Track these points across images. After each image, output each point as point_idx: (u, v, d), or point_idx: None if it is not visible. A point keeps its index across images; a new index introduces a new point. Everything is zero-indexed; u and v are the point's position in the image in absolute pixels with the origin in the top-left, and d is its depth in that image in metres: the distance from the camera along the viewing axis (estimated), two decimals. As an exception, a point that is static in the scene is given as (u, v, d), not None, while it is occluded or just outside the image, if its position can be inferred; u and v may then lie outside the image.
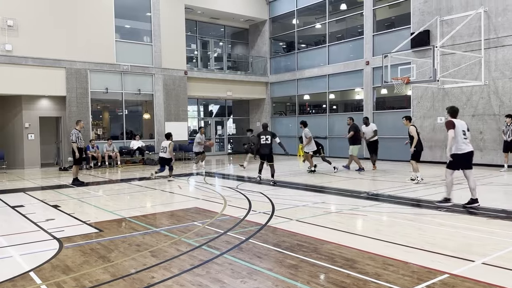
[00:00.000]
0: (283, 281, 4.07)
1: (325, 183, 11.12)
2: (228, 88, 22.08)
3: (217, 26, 23.69)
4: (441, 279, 4.04)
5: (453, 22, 14.67)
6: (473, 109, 14.54)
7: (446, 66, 14.76)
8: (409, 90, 16.42)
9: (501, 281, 3.93)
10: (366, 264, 4.53)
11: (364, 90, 18.46)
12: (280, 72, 22.96)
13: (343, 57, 19.49)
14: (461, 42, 14.60)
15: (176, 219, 7.04)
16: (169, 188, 11.07)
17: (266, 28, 23.35)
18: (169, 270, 4.44)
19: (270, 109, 23.58)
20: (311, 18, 22.18)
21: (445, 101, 15.29)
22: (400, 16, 17.85)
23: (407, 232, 5.98)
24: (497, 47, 13.80)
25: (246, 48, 24.89)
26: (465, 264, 4.49)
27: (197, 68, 21.91)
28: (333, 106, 22.19)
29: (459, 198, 7.92)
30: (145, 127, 20.43)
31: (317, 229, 6.19)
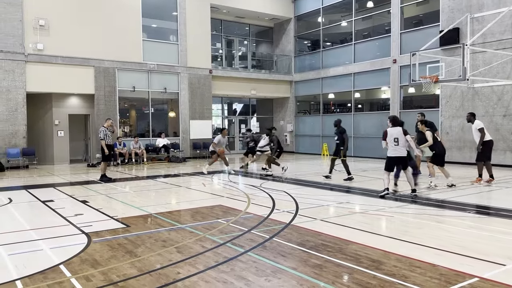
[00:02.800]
0: (307, 281, 4.06)
1: (349, 183, 10.99)
2: (252, 86, 22.10)
3: (242, 25, 23.75)
4: (470, 282, 3.94)
5: (484, 20, 14.24)
6: (504, 109, 14.08)
7: (476, 65, 14.35)
8: (438, 89, 16.05)
9: (534, 287, 3.80)
10: (392, 265, 4.46)
11: (390, 89, 18.15)
12: (304, 70, 22.82)
13: (370, 55, 19.21)
14: (492, 40, 14.16)
15: (200, 216, 7.11)
16: (194, 186, 11.17)
17: (291, 27, 23.25)
18: (194, 266, 4.49)
19: (294, 108, 23.48)
20: (337, 16, 21.95)
21: (475, 101, 14.88)
22: (429, 13, 17.45)
23: (434, 234, 5.85)
24: (531, 45, 13.32)
25: (270, 47, 24.85)
26: (496, 267, 4.36)
27: (221, 67, 22.03)
28: (358, 105, 21.91)
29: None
30: (170, 125, 20.69)
31: (342, 229, 6.13)
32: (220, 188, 10.90)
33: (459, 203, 8.11)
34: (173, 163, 17.63)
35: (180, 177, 12.76)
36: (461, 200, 8.34)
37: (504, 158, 14.03)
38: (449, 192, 9.25)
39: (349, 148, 13.46)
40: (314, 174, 12.02)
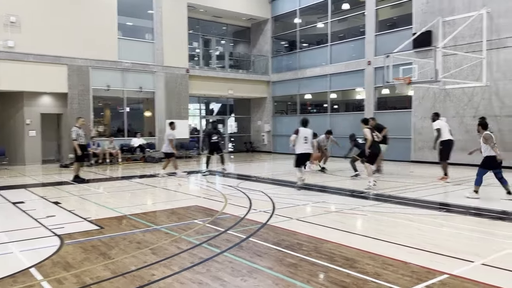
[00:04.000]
0: (283, 280, 4.09)
1: (325, 182, 11.12)
2: (229, 86, 22.07)
3: (219, 25, 23.68)
4: (440, 279, 4.05)
5: (455, 23, 14.65)
6: (474, 110, 14.52)
7: (447, 67, 14.74)
8: (411, 90, 16.40)
9: (499, 282, 3.94)
10: (366, 263, 4.54)
11: (365, 90, 18.45)
12: (281, 71, 22.95)
13: (345, 57, 19.47)
14: (463, 43, 14.58)
15: (176, 217, 7.06)
16: (170, 186, 11.08)
17: (268, 27, 23.33)
18: (170, 268, 4.46)
19: (271, 108, 23.57)
20: (313, 18, 22.16)
21: (447, 102, 15.29)
22: (402, 16, 17.81)
23: (407, 232, 5.99)
24: (499, 48, 13.78)
25: (248, 47, 24.88)
26: (464, 264, 4.50)
27: (198, 66, 21.91)
28: (335, 106, 22.18)
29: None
30: (146, 125, 20.45)
31: (317, 228, 6.20)
32: (196, 189, 10.85)
33: (431, 202, 8.33)
34: (149, 163, 17.42)
35: (156, 178, 12.63)
36: (433, 199, 8.57)
37: (475, 158, 14.43)
38: (422, 191, 9.48)
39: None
40: (291, 173, 12.06)
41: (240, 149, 24.91)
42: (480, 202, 8.11)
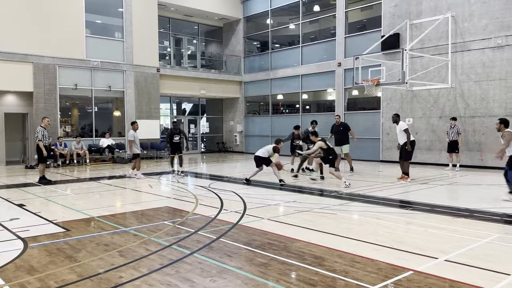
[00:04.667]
0: (252, 279, 4.10)
1: (297, 182, 11.22)
2: (201, 86, 21.95)
3: (190, 24, 23.52)
4: (405, 275, 4.16)
5: (422, 26, 15.08)
6: (440, 111, 14.99)
7: (414, 69, 15.16)
8: (379, 91, 16.78)
9: (461, 277, 4.08)
10: (334, 261, 4.61)
11: (336, 91, 18.73)
12: (254, 71, 23.01)
13: (316, 58, 19.71)
14: (429, 45, 15.03)
15: (146, 219, 6.96)
16: (140, 187, 10.91)
17: (240, 27, 23.35)
18: (138, 270, 4.39)
19: (244, 108, 23.59)
20: (285, 19, 22.32)
21: (414, 103, 15.71)
22: (372, 19, 18.20)
23: (375, 230, 6.12)
24: (463, 51, 14.28)
25: (220, 47, 24.81)
26: (429, 261, 4.64)
27: (170, 66, 21.68)
28: (306, 106, 22.40)
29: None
30: (115, 125, 20.07)
31: (288, 227, 6.25)
32: (167, 190, 10.73)
33: (398, 200, 8.54)
34: (118, 164, 17.11)
35: (126, 179, 12.41)
36: (399, 198, 8.79)
37: (440, 158, 14.94)
38: (390, 190, 9.71)
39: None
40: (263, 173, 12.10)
41: (212, 149, 24.82)
42: (445, 201, 8.37)
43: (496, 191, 9.73)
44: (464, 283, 3.92)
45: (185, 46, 23.82)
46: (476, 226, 6.24)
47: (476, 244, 5.27)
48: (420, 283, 3.96)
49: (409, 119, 15.67)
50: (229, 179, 12.09)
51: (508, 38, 13.26)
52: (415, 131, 15.16)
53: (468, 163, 14.11)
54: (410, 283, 3.96)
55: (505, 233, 5.80)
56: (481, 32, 13.85)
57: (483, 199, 8.56)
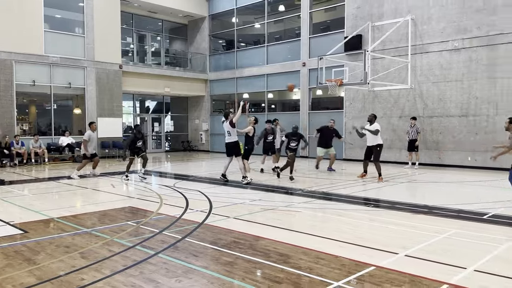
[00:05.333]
0: (218, 278, 4.09)
1: (263, 181, 11.27)
2: (166, 84, 21.63)
3: (154, 20, 23.11)
4: (368, 271, 4.28)
5: (384, 28, 15.52)
6: (400, 111, 15.48)
7: (376, 70, 15.58)
8: (342, 92, 17.12)
9: (420, 272, 4.24)
10: (299, 258, 4.67)
11: (300, 91, 18.96)
12: (219, 69, 22.91)
13: (281, 58, 19.87)
14: (390, 47, 15.48)
15: (108, 219, 6.79)
16: (102, 187, 10.64)
17: (205, 25, 23.17)
18: (100, 272, 4.28)
19: (209, 107, 23.45)
20: (251, 18, 22.35)
21: (375, 103, 16.15)
22: (335, 20, 18.53)
23: (338, 227, 6.25)
24: (422, 53, 14.81)
25: (185, 44, 24.53)
26: (390, 256, 4.79)
27: (133, 62, 21.23)
28: (272, 105, 22.54)
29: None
30: (76, 123, 19.45)
31: (253, 226, 6.28)
32: (130, 189, 10.52)
33: (360, 197, 8.76)
34: (78, 164, 16.56)
35: (87, 178, 12.06)
36: (362, 195, 9.02)
37: (400, 156, 15.43)
38: (352, 188, 9.93)
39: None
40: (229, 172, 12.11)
41: (177, 148, 24.52)
42: (405, 198, 8.66)
43: (454, 189, 10.17)
44: (423, 277, 4.08)
45: (149, 43, 23.38)
46: (435, 222, 6.49)
47: (435, 240, 5.48)
48: (382, 278, 4.08)
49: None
50: (195, 178, 11.99)
51: (464, 41, 13.87)
52: (377, 130, 15.58)
53: (426, 161, 14.65)
54: (372, 279, 4.07)
55: (461, 228, 6.06)
56: (439, 35, 14.42)
57: (441, 196, 8.91)
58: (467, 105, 13.94)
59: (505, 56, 13.09)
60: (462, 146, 14.08)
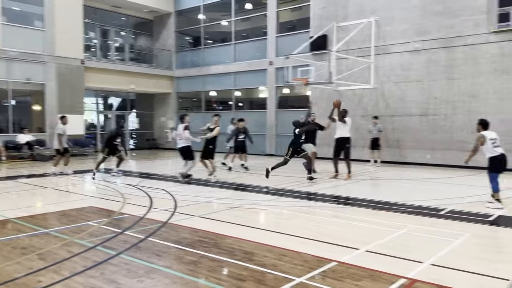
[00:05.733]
0: (181, 278, 4.06)
1: (229, 179, 11.26)
2: (130, 80, 21.17)
3: (119, 15, 22.57)
4: (329, 267, 4.36)
5: (348, 29, 15.81)
6: (363, 110, 15.84)
7: (340, 70, 15.84)
8: (308, 90, 17.34)
9: (380, 267, 4.37)
10: (263, 256, 4.71)
11: (267, 89, 19.05)
12: (186, 67, 22.65)
13: (248, 56, 19.88)
14: (354, 47, 15.79)
15: (68, 219, 6.59)
16: (62, 186, 10.31)
17: (171, 21, 22.85)
18: (59, 273, 4.16)
19: (176, 104, 23.16)
20: (218, 15, 22.23)
21: (340, 102, 16.42)
22: (302, 19, 18.71)
23: (303, 224, 6.34)
24: (385, 54, 15.21)
25: (150, 40, 24.09)
26: (351, 252, 4.90)
27: (96, 58, 20.64)
28: (239, 104, 22.53)
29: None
30: (35, 120, 18.73)
31: (219, 224, 6.26)
32: (92, 188, 10.25)
33: (325, 195, 8.91)
34: (38, 162, 15.99)
35: (46, 177, 11.65)
36: (326, 192, 9.17)
37: (363, 154, 15.77)
38: (318, 185, 10.09)
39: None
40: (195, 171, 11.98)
41: (142, 146, 24.07)
42: (367, 194, 8.88)
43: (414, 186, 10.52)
44: (382, 272, 4.20)
45: (113, 38, 22.80)
46: (395, 218, 6.69)
47: (394, 235, 5.66)
48: (343, 273, 4.17)
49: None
50: (160, 177, 11.82)
51: (424, 42, 14.35)
52: (341, 129, 15.89)
53: (388, 159, 15.07)
54: (334, 274, 4.16)
55: (420, 224, 6.28)
56: (401, 36, 14.84)
57: (401, 193, 9.19)
58: (426, 105, 14.44)
59: (462, 58, 13.65)
60: (422, 144, 14.58)
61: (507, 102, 12.92)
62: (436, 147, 14.23)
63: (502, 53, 12.94)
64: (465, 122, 13.63)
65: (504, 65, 12.92)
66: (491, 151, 7.27)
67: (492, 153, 7.27)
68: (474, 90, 13.47)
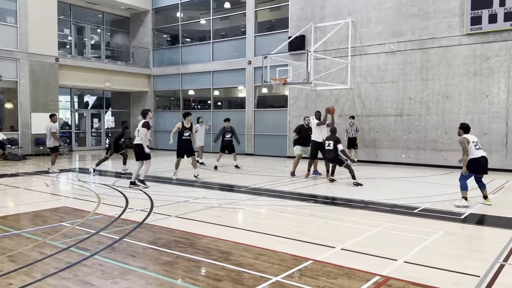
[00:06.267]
0: (157, 279, 4.02)
1: (207, 178, 11.20)
2: (106, 78, 20.80)
3: (94, 12, 22.13)
4: (306, 265, 4.40)
5: (326, 29, 15.96)
6: (340, 110, 16.00)
7: (318, 70, 16.00)
8: (286, 90, 17.42)
9: (355, 264, 4.43)
10: (240, 255, 4.70)
11: (246, 89, 19.04)
12: (163, 65, 22.42)
13: (227, 55, 19.83)
14: (331, 48, 15.96)
15: (41, 220, 6.43)
16: (35, 186, 10.05)
17: (148, 19, 22.56)
18: (30, 275, 4.05)
19: (153, 103, 22.88)
20: (196, 13, 22.09)
21: (317, 102, 16.58)
22: (280, 19, 18.79)
23: (280, 223, 6.37)
24: (362, 55, 15.42)
25: (127, 38, 23.72)
26: (327, 250, 4.95)
27: (71, 55, 20.22)
28: (218, 103, 22.46)
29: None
30: (7, 118, 18.21)
31: (196, 224, 6.23)
32: (66, 188, 10.04)
33: (302, 194, 8.97)
34: (10, 162, 15.55)
35: (19, 177, 11.35)
36: (303, 191, 9.23)
37: (340, 153, 15.95)
38: (295, 184, 10.15)
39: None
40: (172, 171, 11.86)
41: (118, 145, 23.65)
42: (343, 193, 8.99)
43: (389, 184, 10.70)
44: (357, 270, 4.26)
45: (88, 35, 22.37)
46: (370, 216, 6.80)
47: (369, 233, 5.74)
48: (319, 271, 4.21)
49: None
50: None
51: (400, 44, 14.61)
52: (319, 129, 16.03)
53: (364, 158, 15.29)
54: (310, 272, 4.19)
55: (394, 222, 6.40)
56: (377, 37, 15.08)
57: (376, 192, 9.33)
58: (401, 105, 14.71)
59: (436, 59, 13.97)
60: (397, 144, 14.85)
61: (478, 103, 13.30)
62: (411, 146, 14.52)
63: (474, 55, 13.31)
64: (438, 122, 13.97)
65: (477, 67, 13.29)
66: (473, 153, 7.44)
67: (474, 155, 7.44)
68: (448, 91, 13.81)
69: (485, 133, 13.09)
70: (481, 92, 13.25)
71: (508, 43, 12.76)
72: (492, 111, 13.09)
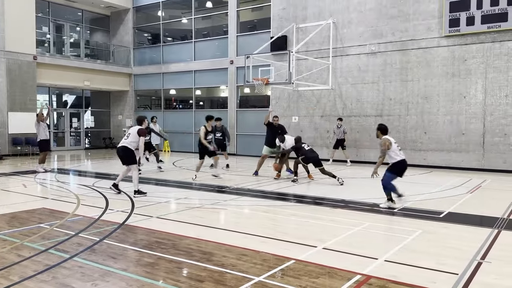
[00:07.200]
0: (137, 280, 3.97)
1: (188, 179, 11.13)
2: (86, 77, 20.48)
3: (74, 10, 21.74)
4: (288, 265, 4.41)
5: (307, 30, 16.06)
6: (321, 110, 16.14)
7: (300, 70, 16.09)
8: (269, 90, 17.46)
9: (336, 263, 4.47)
10: (223, 256, 4.69)
11: (228, 88, 19.00)
12: (144, 64, 22.18)
13: (209, 55, 19.75)
14: (313, 49, 16.06)
15: (18, 222, 6.28)
16: (13, 187, 9.81)
17: (129, 17, 22.30)
18: (8, 278, 3.96)
19: (133, 102, 22.62)
20: (177, 12, 21.93)
21: (299, 102, 16.68)
22: (262, 20, 18.82)
23: (263, 223, 6.38)
24: (342, 56, 15.57)
25: (107, 36, 23.39)
26: (309, 250, 4.98)
27: (49, 54, 19.82)
28: (200, 102, 22.34)
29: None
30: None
31: (177, 225, 6.18)
32: (45, 189, 9.83)
33: (284, 194, 9.00)
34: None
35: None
36: (285, 191, 9.27)
37: (321, 153, 16.06)
38: (277, 184, 10.18)
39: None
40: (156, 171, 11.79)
41: (98, 145, 23.35)
42: (325, 193, 9.06)
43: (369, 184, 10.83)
44: (338, 269, 4.30)
45: (67, 33, 21.97)
46: (351, 216, 6.87)
47: (350, 232, 5.80)
48: (301, 271, 4.23)
49: (295, 117, 16.60)
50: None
51: (380, 45, 14.81)
52: (300, 129, 16.14)
53: (345, 158, 15.42)
54: (292, 272, 4.21)
55: (374, 221, 6.48)
56: (358, 38, 15.24)
57: (357, 191, 9.44)
58: (381, 106, 14.91)
59: (415, 60, 14.21)
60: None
61: (456, 104, 13.58)
62: (391, 146, 14.72)
63: (452, 56, 13.59)
64: (418, 123, 14.21)
65: (455, 68, 13.57)
66: (399, 154, 7.53)
67: (400, 156, 7.53)
68: (427, 92, 14.06)
69: (463, 133, 13.38)
70: (459, 93, 13.54)
71: (485, 45, 13.08)
72: (469, 111, 13.39)
